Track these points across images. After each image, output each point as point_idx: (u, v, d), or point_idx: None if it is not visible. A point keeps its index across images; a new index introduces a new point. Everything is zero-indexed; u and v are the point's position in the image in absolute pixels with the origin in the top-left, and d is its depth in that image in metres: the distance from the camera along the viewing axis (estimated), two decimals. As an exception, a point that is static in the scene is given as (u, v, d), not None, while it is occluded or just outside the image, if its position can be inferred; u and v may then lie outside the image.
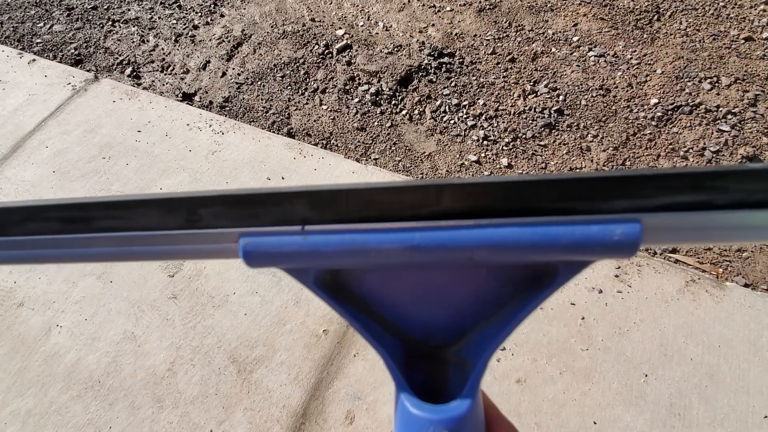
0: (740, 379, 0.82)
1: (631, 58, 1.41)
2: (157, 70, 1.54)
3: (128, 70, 1.52)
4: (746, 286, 0.97)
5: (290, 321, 0.97)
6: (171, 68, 1.54)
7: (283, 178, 1.19)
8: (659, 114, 1.27)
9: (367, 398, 0.87)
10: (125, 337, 0.96)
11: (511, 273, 0.21)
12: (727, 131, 1.22)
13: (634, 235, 0.16)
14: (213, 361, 0.93)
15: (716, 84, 1.32)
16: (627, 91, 1.34)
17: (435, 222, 0.18)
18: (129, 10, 1.70)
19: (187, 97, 1.47)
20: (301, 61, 1.52)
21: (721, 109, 1.26)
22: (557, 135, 1.29)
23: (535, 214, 0.17)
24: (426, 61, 1.47)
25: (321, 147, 1.33)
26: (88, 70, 1.51)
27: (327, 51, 1.53)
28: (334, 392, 0.88)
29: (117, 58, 1.56)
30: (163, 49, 1.59)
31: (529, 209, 0.17)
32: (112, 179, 1.19)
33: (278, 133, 1.36)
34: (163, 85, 1.50)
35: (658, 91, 1.32)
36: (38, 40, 1.60)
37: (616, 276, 0.97)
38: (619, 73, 1.38)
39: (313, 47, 1.54)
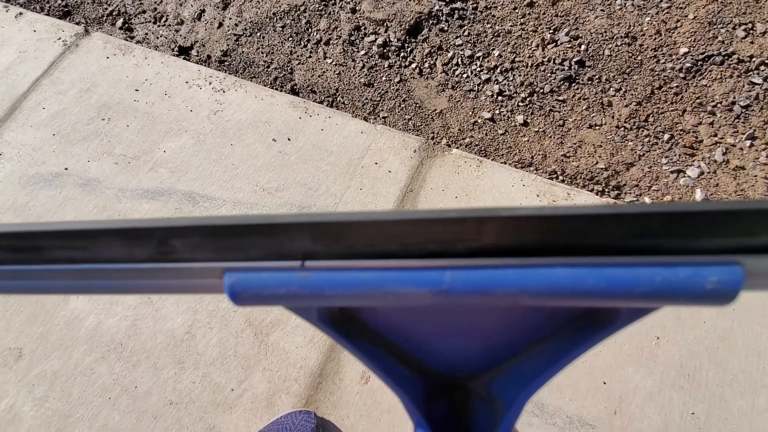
0: (752, 342, 0.83)
1: (661, 1, 1.29)
2: (149, 21, 1.45)
3: (119, 22, 1.43)
4: (765, 248, 0.95)
5: (303, 285, 0.97)
6: (164, 19, 1.45)
7: (289, 139, 1.15)
8: (688, 65, 1.19)
9: (381, 360, 0.89)
10: (142, 301, 0.98)
11: (562, 310, 0.17)
12: (759, 84, 1.15)
13: (734, 283, 0.13)
14: (230, 324, 0.95)
15: (751, 31, 1.22)
16: (655, 39, 1.24)
17: (470, 260, 0.14)
18: (114, -48, 1.57)
19: (184, 51, 1.39)
20: (302, 8, 1.42)
21: (754, 59, 1.17)
22: (577, 89, 1.22)
23: (604, 252, 0.13)
24: (437, 7, 1.37)
25: (327, 105, 1.27)
26: (77, 23, 1.42)
27: (330, -3, 1.42)
28: (349, 354, 0.91)
29: (106, 9, 1.46)
30: (154, -3, 1.48)
31: (596, 247, 0.13)
32: (114, 142, 1.16)
33: (281, 90, 1.29)
34: (158, 38, 1.41)
35: (689, 39, 1.22)
36: (21, -10, 1.50)
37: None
38: (647, 19, 1.27)
39: (315, -7, 1.43)
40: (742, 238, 0.13)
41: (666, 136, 1.14)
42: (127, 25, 1.43)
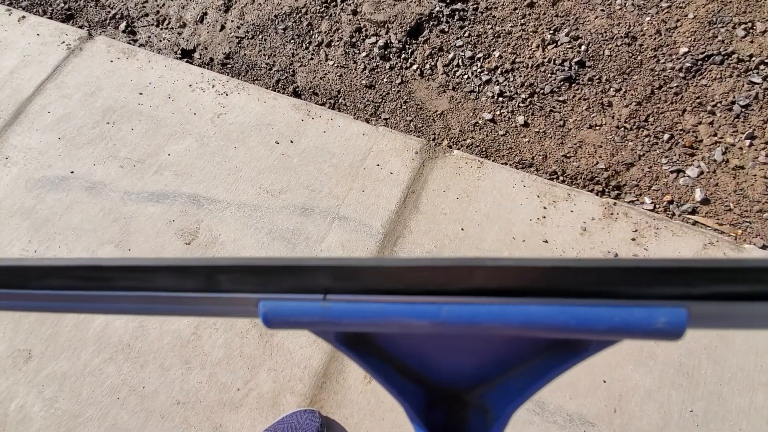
0: (750, 340, 0.84)
1: (661, 0, 1.30)
2: (152, 25, 1.46)
3: (122, 25, 1.44)
4: (764, 248, 0.96)
5: (307, 287, 0.99)
6: (167, 22, 1.46)
7: (291, 142, 1.16)
8: (688, 65, 1.19)
9: (384, 359, 0.91)
10: (148, 303, 1.00)
11: (539, 338, 0.21)
12: (758, 83, 1.15)
13: (680, 324, 0.16)
14: (235, 325, 0.96)
15: (750, 30, 1.22)
16: (655, 39, 1.25)
17: (463, 298, 0.17)
18: (116, -45, 1.58)
19: (186, 54, 1.41)
20: (304, 10, 1.43)
21: (753, 58, 1.18)
22: (577, 89, 1.22)
23: (572, 295, 0.16)
24: (437, 8, 1.37)
25: (329, 107, 1.28)
26: (80, 26, 1.43)
27: (331, -1, 1.43)
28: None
29: (109, 12, 1.47)
30: (156, 0, 1.49)
31: (568, 290, 0.16)
32: (119, 145, 1.17)
33: (284, 93, 1.30)
34: (160, 41, 1.42)
35: (689, 39, 1.23)
36: (24, -6, 1.51)
37: (633, 239, 0.96)
38: (647, 18, 1.28)
39: (316, -5, 1.44)
40: (687, 288, 0.16)
41: (666, 136, 1.14)
42: (130, 29, 1.44)
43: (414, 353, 0.22)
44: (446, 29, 1.35)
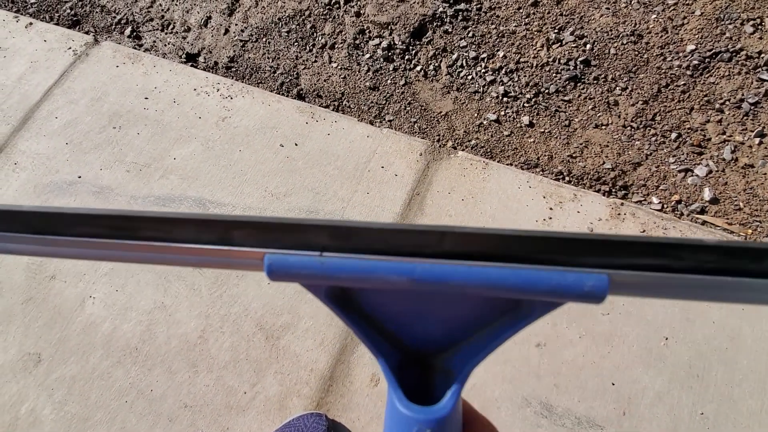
0: (762, 341, 0.83)
1: (668, -3, 1.28)
2: (157, 29, 1.47)
3: (128, 30, 1.45)
4: (775, 247, 0.95)
5: (313, 289, 0.99)
6: (171, 26, 1.47)
7: (296, 144, 1.16)
8: (695, 62, 1.18)
9: (390, 362, 0.91)
10: (156, 306, 1.00)
11: (497, 302, 0.25)
12: (767, 80, 1.14)
13: (602, 288, 0.20)
14: (241, 328, 0.97)
15: (759, 26, 1.20)
16: (661, 36, 1.23)
17: (435, 260, 0.21)
18: (121, -39, 1.59)
19: (191, 58, 1.41)
20: (307, 13, 1.43)
21: (763, 55, 1.16)
22: (583, 89, 1.21)
23: (521, 261, 0.21)
24: (441, 9, 1.37)
25: (333, 110, 1.28)
26: (86, 32, 1.44)
27: (334, 1, 1.43)
28: (358, 357, 0.92)
29: (114, 17, 1.48)
30: (161, 4, 1.50)
31: (516, 257, 0.21)
32: (125, 150, 1.18)
33: (288, 96, 1.31)
34: (165, 45, 1.43)
35: (696, 36, 1.21)
36: (32, 0, 1.52)
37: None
38: (654, 16, 1.26)
39: (320, -3, 1.44)
40: (610, 258, 0.20)
41: (673, 135, 1.13)
42: (135, 33, 1.45)
43: (391, 316, 0.27)
44: (450, 30, 1.34)
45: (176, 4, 1.49)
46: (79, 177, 1.15)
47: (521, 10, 1.34)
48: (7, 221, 0.23)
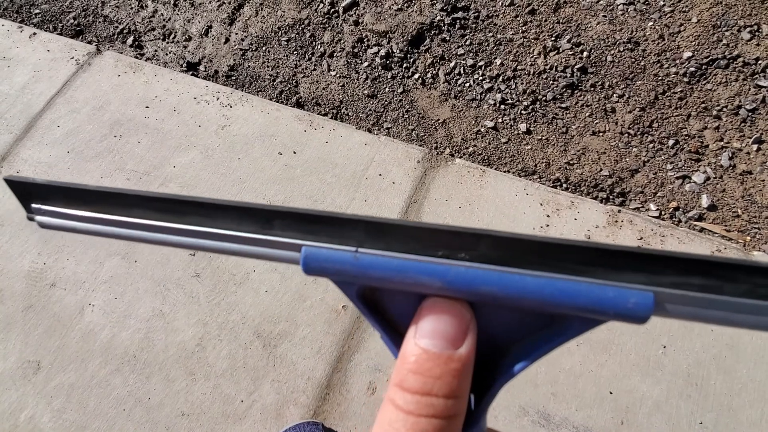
0: (761, 350, 0.82)
1: (665, 4, 1.29)
2: (158, 39, 1.48)
3: (129, 40, 1.47)
4: (774, 254, 0.94)
5: (310, 297, 0.99)
6: (173, 35, 1.48)
7: (294, 152, 1.17)
8: (692, 69, 1.18)
9: (387, 370, 0.90)
10: (154, 314, 1.01)
11: (529, 317, 0.23)
12: (765, 87, 1.14)
13: (647, 306, 0.18)
14: (239, 336, 0.97)
15: (756, 33, 1.21)
16: (658, 44, 1.24)
17: (468, 263, 0.20)
18: (124, -28, 1.62)
19: (192, 67, 1.43)
20: (306, 22, 1.44)
21: (760, 62, 1.16)
22: (580, 96, 1.22)
23: (560, 271, 0.19)
24: (438, 17, 1.38)
25: (331, 117, 1.29)
26: (89, 42, 1.46)
27: (333, 10, 1.44)
28: (355, 365, 0.92)
29: (117, 27, 1.50)
30: (162, 14, 1.52)
31: (555, 266, 0.19)
32: (126, 158, 1.19)
33: (287, 104, 1.32)
34: (166, 54, 1.45)
35: (693, 43, 1.22)
36: (36, 11, 1.55)
37: (638, 247, 0.95)
38: (650, 23, 1.27)
39: (318, 6, 1.45)
40: (656, 276, 0.18)
41: (671, 142, 1.13)
42: (137, 43, 1.47)
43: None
44: (447, 38, 1.35)
45: (178, 14, 1.51)
46: (80, 185, 1.16)
47: (518, 18, 1.35)
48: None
